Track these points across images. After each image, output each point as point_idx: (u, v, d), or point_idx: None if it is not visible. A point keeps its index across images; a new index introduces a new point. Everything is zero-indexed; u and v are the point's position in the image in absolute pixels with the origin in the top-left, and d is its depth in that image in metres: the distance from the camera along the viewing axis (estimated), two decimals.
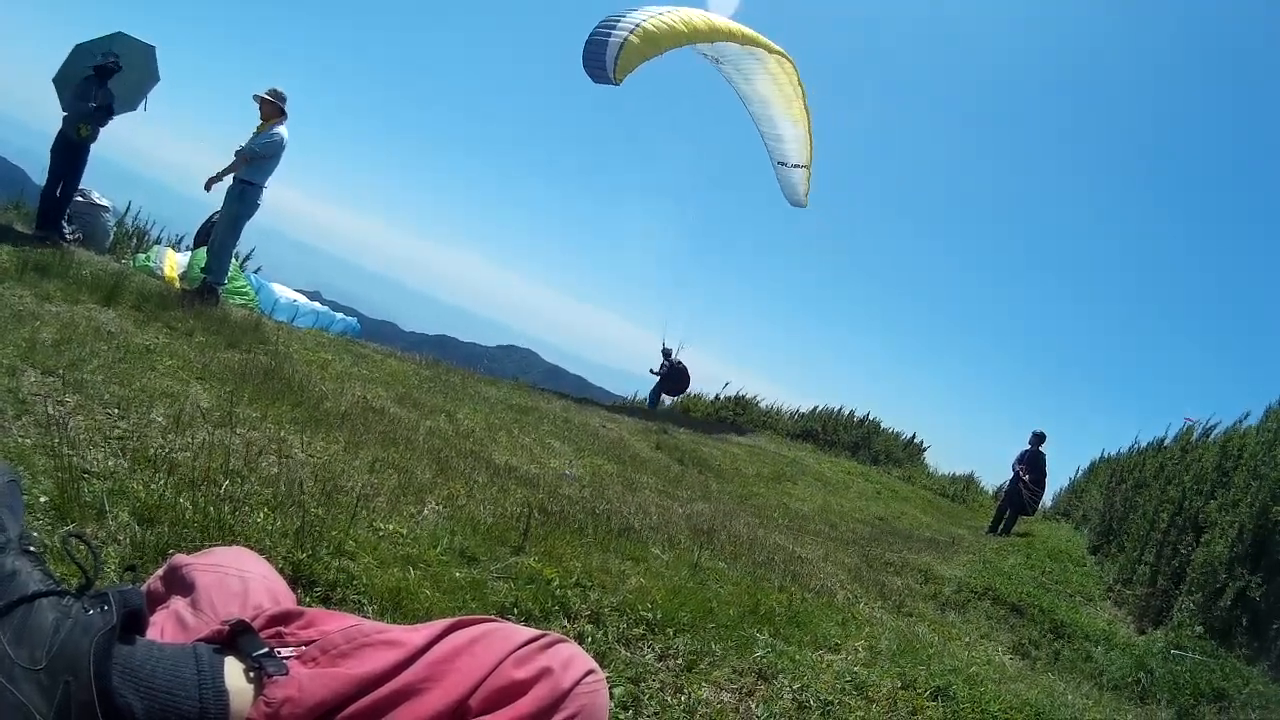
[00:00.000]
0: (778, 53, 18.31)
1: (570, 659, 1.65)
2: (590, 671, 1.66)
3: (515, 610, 4.29)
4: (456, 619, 1.73)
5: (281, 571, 3.67)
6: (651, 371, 23.49)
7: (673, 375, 23.31)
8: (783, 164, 20.30)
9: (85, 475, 4.06)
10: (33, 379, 5.36)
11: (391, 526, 4.87)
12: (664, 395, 24.17)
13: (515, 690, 1.58)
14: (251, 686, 1.55)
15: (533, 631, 1.70)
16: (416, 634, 1.68)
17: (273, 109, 11.60)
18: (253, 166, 11.41)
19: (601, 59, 15.62)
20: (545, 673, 1.60)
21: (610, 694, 3.68)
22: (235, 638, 1.65)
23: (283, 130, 11.54)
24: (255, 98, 11.70)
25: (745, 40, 17.77)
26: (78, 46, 12.20)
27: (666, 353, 23.18)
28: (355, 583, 3.89)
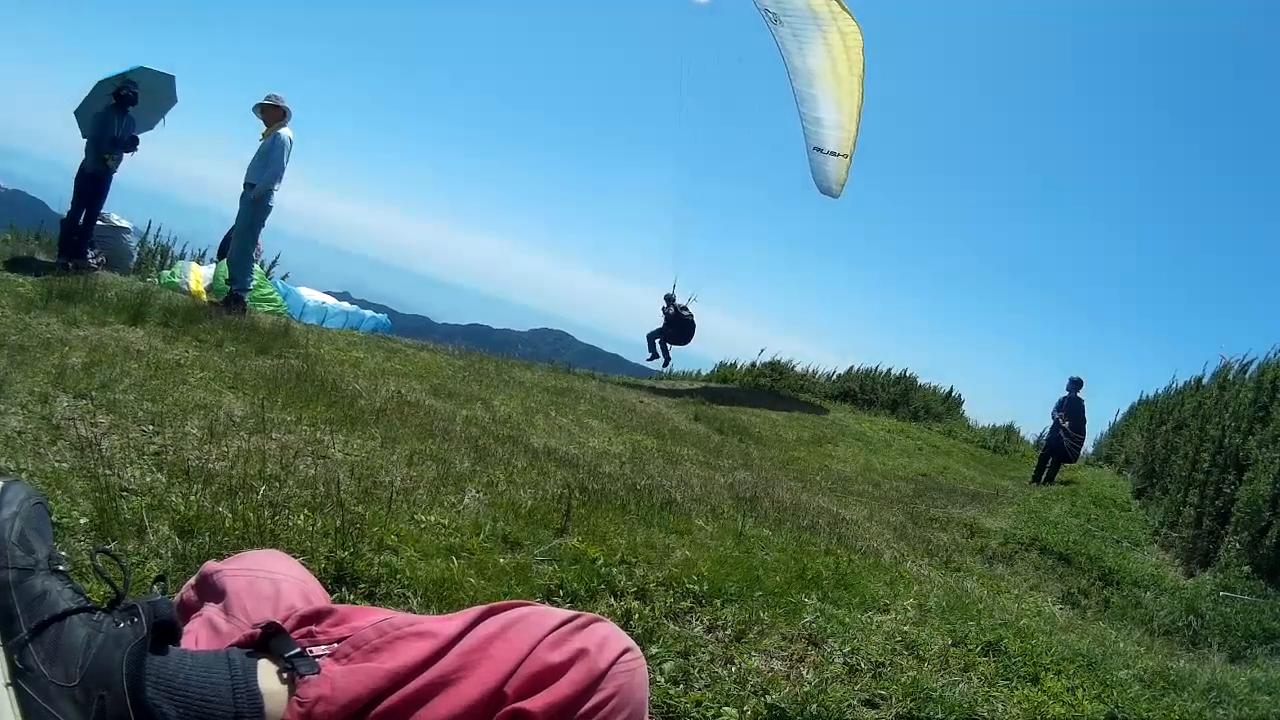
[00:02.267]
0: (845, 16, 16.47)
1: (606, 639, 1.63)
2: (627, 650, 1.64)
3: (561, 592, 4.28)
4: (489, 605, 1.72)
5: (324, 570, 3.70)
6: (664, 311, 21.86)
7: (679, 323, 21.89)
8: (818, 149, 18.89)
9: (124, 493, 4.09)
10: (65, 403, 5.41)
11: (433, 518, 4.87)
12: (669, 344, 22.56)
13: (551, 674, 1.56)
14: (285, 687, 1.55)
15: (567, 613, 1.69)
16: (449, 624, 1.67)
17: (274, 113, 11.68)
18: (262, 172, 11.54)
19: None
20: (581, 654, 1.58)
21: (660, 669, 3.70)
22: (267, 640, 1.64)
23: (285, 132, 11.63)
24: (256, 108, 11.79)
25: None
26: (100, 82, 12.33)
27: (670, 299, 21.70)
28: (399, 577, 3.89)
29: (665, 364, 22.77)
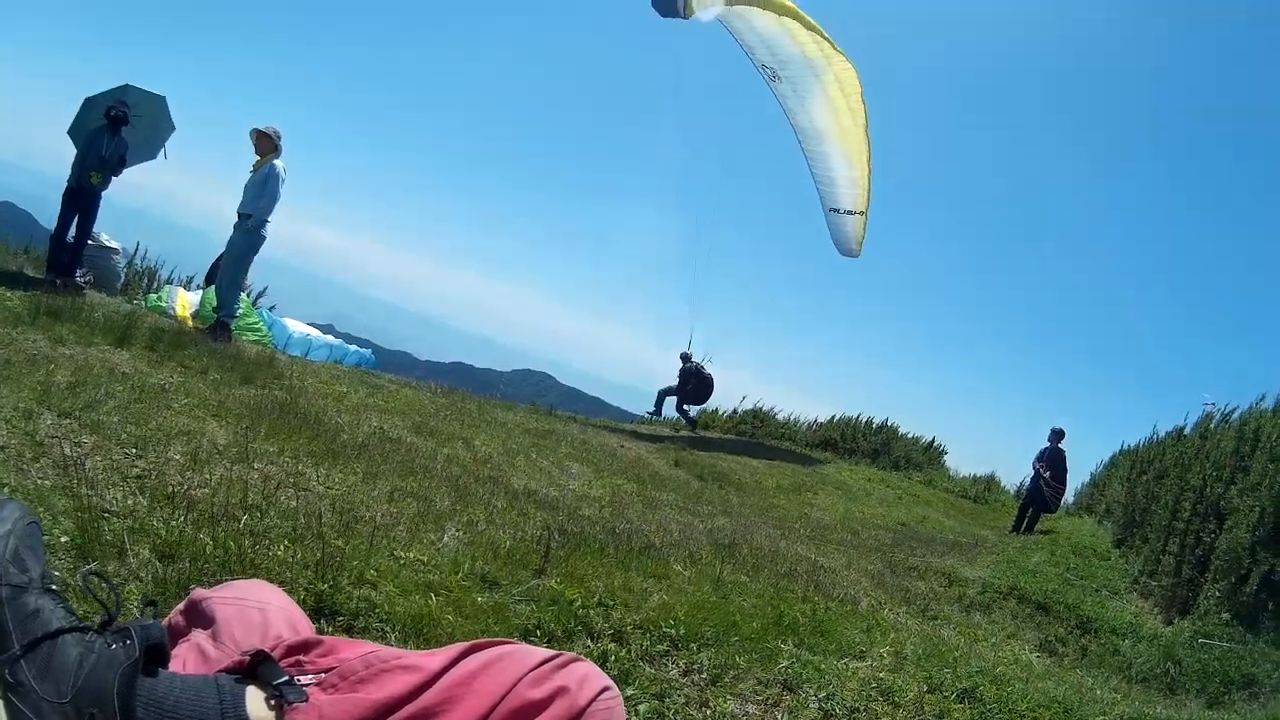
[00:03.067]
0: (839, 59, 16.52)
1: (585, 677, 1.66)
2: (606, 688, 1.67)
3: (538, 632, 4.29)
4: (473, 642, 1.75)
5: (304, 603, 3.70)
6: (683, 358, 21.52)
7: (697, 382, 21.67)
8: (835, 210, 18.45)
9: (105, 515, 4.08)
10: (50, 421, 5.39)
11: (412, 554, 4.88)
12: (687, 405, 22.35)
13: (532, 710, 1.59)
14: (273, 714, 1.57)
15: (548, 652, 1.72)
16: (433, 658, 1.70)
17: (267, 143, 11.76)
18: (257, 202, 11.59)
19: None
20: (561, 691, 1.61)
21: (635, 711, 3.71)
22: (256, 667, 1.67)
23: (280, 164, 11.71)
24: (252, 133, 11.86)
25: (808, 29, 15.98)
26: (87, 99, 12.39)
27: (685, 358, 21.47)
28: (378, 611, 3.90)
29: (692, 427, 22.24)
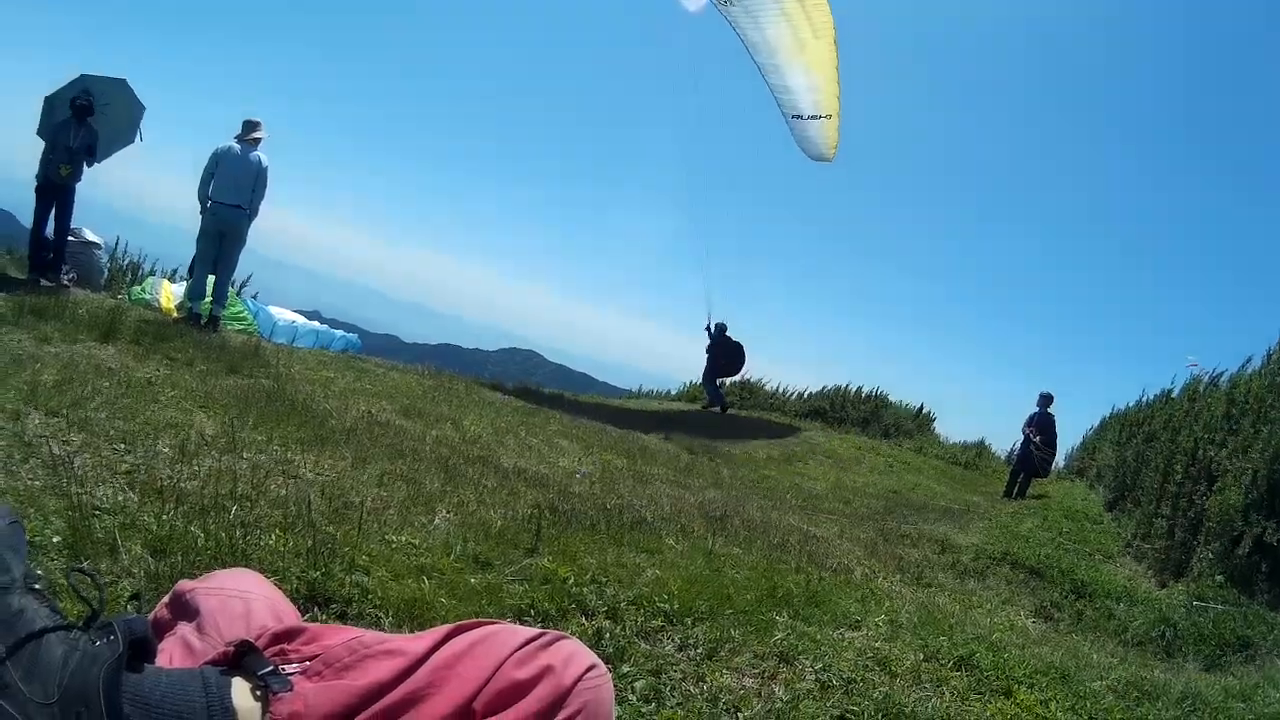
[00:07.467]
0: None
1: (571, 655, 1.66)
2: (592, 667, 1.66)
3: (532, 611, 4.29)
4: (457, 624, 1.75)
5: (296, 591, 3.70)
6: (708, 330, 21.65)
7: (727, 349, 21.70)
8: (796, 116, 18.18)
9: (96, 512, 4.07)
10: (37, 421, 5.38)
11: (403, 538, 4.87)
12: (721, 380, 22.44)
13: (518, 691, 1.59)
14: (259, 704, 1.57)
15: (533, 631, 1.71)
16: (418, 642, 1.70)
17: (251, 134, 11.95)
18: (251, 195, 11.79)
19: None
20: (547, 671, 1.61)
21: (631, 688, 3.72)
22: (240, 658, 1.66)
23: (265, 157, 11.97)
24: (246, 123, 11.98)
25: None
26: (47, 98, 12.25)
27: (720, 328, 21.48)
28: (370, 597, 3.89)
29: (724, 409, 22.20)
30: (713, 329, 21.64)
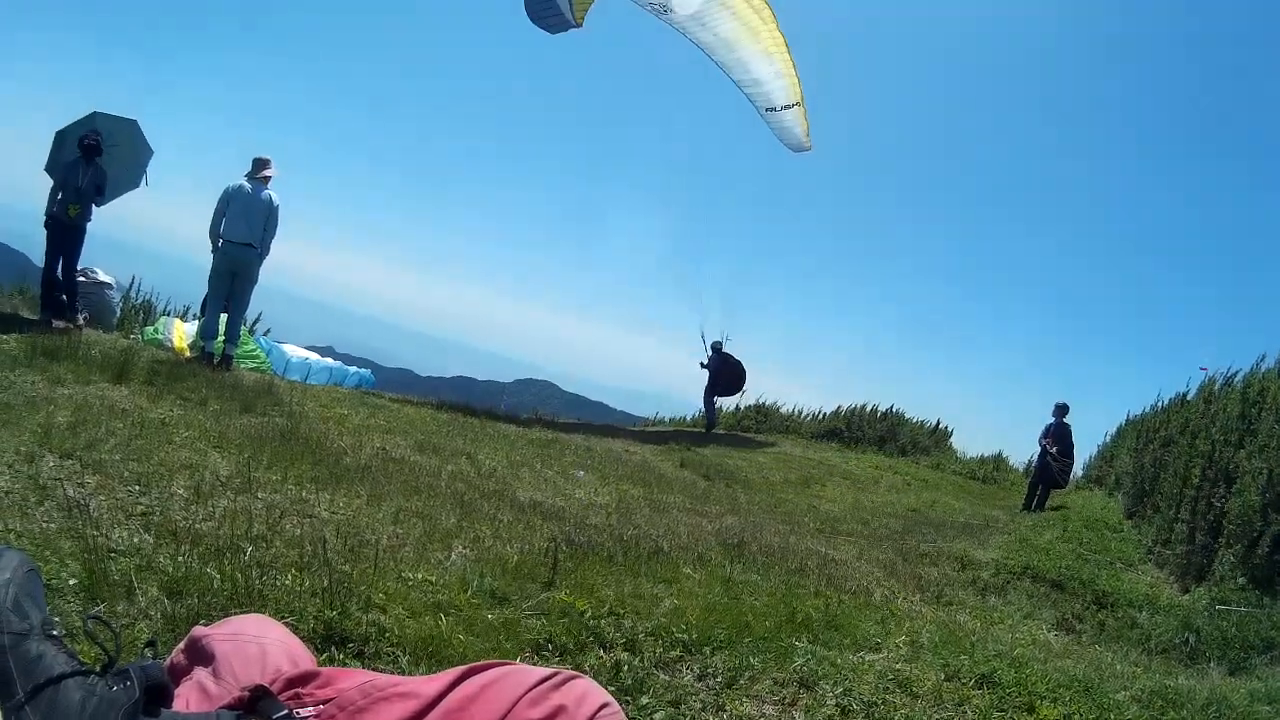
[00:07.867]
0: None
1: (584, 694, 1.65)
2: (605, 705, 1.66)
3: (549, 646, 4.28)
4: (469, 666, 1.75)
5: (313, 630, 3.70)
6: (702, 365, 21.80)
7: (727, 372, 21.73)
8: (771, 109, 18.08)
9: (111, 554, 4.09)
10: (52, 463, 5.40)
11: (420, 575, 4.87)
12: (717, 398, 22.47)
13: None
14: None
15: (545, 671, 1.71)
16: (430, 684, 1.70)
17: (262, 171, 12.03)
18: (264, 233, 11.88)
19: (554, 3, 14.13)
20: (559, 710, 1.60)
21: (651, 719, 3.69)
22: (256, 702, 1.67)
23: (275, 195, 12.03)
24: (256, 161, 12.05)
25: None
26: (58, 133, 12.35)
27: (716, 346, 21.58)
28: (388, 635, 3.89)
29: (709, 428, 22.28)
30: (709, 353, 21.71)
